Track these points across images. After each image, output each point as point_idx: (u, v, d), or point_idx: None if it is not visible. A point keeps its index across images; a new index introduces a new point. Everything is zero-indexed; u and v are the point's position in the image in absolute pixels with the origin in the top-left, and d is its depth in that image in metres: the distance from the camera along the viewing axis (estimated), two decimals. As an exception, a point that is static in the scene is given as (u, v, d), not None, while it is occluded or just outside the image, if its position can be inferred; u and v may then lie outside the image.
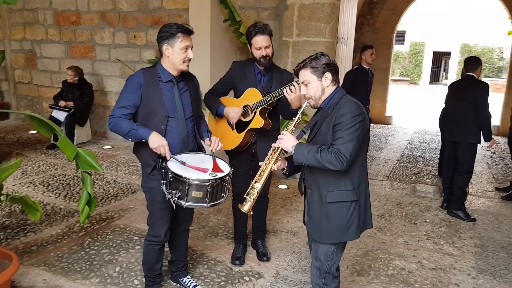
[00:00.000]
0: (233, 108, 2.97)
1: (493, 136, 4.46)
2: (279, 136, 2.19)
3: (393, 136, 9.16)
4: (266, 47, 2.88)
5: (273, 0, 5.44)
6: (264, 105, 2.88)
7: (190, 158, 2.52)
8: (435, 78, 27.85)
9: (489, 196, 5.23)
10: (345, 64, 6.37)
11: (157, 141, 2.36)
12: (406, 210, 4.61)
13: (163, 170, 2.44)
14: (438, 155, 6.90)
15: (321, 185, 2.15)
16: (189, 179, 2.29)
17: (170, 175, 2.34)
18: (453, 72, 25.97)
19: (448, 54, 26.43)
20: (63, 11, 7.42)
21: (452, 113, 4.58)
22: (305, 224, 2.43)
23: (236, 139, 3.05)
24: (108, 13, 6.90)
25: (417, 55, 27.00)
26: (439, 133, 5.22)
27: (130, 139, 2.46)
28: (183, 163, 2.42)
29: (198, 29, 2.52)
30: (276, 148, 2.22)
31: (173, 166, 2.40)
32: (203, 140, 2.73)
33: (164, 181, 2.43)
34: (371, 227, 2.27)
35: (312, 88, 2.15)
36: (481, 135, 4.40)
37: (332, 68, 2.14)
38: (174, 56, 2.42)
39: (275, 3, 5.45)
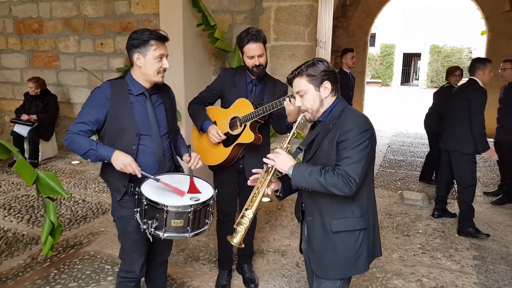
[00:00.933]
0: (216, 130, 2.70)
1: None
2: (272, 155, 1.89)
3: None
4: (259, 56, 2.62)
5: (249, 3, 5.18)
6: (255, 118, 2.60)
7: (166, 179, 2.21)
8: (406, 79, 28.29)
9: (479, 201, 5.08)
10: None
11: (121, 160, 2.05)
12: (396, 221, 4.41)
13: (136, 196, 2.12)
14: (421, 159, 6.80)
15: (325, 212, 1.88)
16: (167, 206, 1.98)
17: (145, 202, 2.02)
18: (424, 73, 26.46)
19: (418, 55, 26.89)
20: (24, 19, 6.93)
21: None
22: (301, 253, 2.16)
23: (222, 153, 2.76)
24: (72, 20, 6.47)
25: (388, 57, 27.34)
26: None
27: (90, 160, 2.13)
28: (157, 180, 2.13)
29: (170, 35, 2.21)
30: (270, 169, 1.92)
31: (148, 191, 2.09)
32: (181, 157, 2.42)
33: (138, 209, 2.12)
34: (380, 255, 2.00)
35: (309, 99, 1.88)
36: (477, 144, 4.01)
37: (332, 76, 1.87)
38: (147, 66, 2.11)
39: (251, 6, 5.18)
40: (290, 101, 2.40)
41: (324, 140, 1.85)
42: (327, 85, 1.86)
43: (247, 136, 2.66)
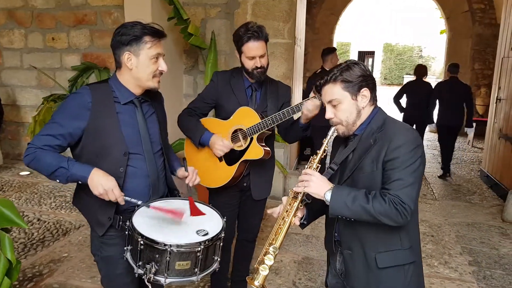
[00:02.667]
0: (221, 139, 2.26)
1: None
2: (302, 177, 1.55)
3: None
4: (261, 57, 2.24)
5: (223, -5, 4.75)
6: (264, 130, 2.21)
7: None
8: (360, 76, 28.90)
9: (458, 204, 5.04)
10: (299, 67, 5.86)
11: (101, 183, 1.60)
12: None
13: (127, 232, 1.67)
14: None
15: (368, 244, 1.56)
16: (170, 246, 1.54)
17: (141, 241, 1.57)
18: (377, 70, 27.12)
19: (372, 53, 27.52)
20: (-43, 9, 6.06)
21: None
22: (327, 287, 1.83)
23: (225, 173, 2.33)
24: (18, 11, 5.70)
25: (344, 55, 27.69)
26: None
27: (58, 181, 1.66)
28: (147, 206, 1.71)
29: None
30: (299, 194, 1.57)
31: (142, 224, 1.64)
32: (174, 173, 1.99)
33: (130, 247, 1.67)
34: None
35: (344, 110, 1.55)
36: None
37: (370, 81, 1.56)
38: (140, 68, 1.67)
39: (225, 0, 4.76)
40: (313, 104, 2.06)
41: (364, 159, 1.53)
42: (365, 92, 1.55)
43: (255, 152, 2.27)
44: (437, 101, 5.91)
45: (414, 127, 5.81)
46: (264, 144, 2.32)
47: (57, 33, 5.59)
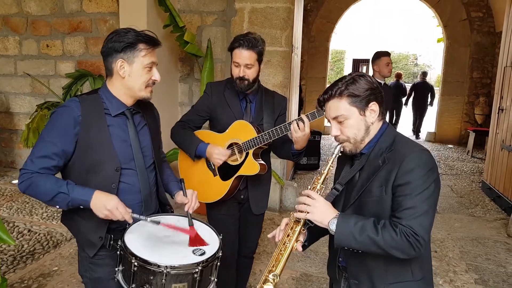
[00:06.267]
0: (218, 147, 2.18)
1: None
2: (304, 200, 1.43)
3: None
4: (246, 66, 2.16)
5: (220, 3, 4.70)
6: (260, 145, 2.13)
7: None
8: (355, 84, 28.99)
9: (461, 218, 4.95)
10: (296, 75, 5.81)
11: (105, 204, 1.51)
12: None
13: (119, 252, 1.58)
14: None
15: (376, 275, 1.45)
16: (166, 268, 1.46)
17: (135, 262, 1.49)
18: (372, 78, 27.23)
19: (367, 61, 27.52)
20: (-49, 15, 5.97)
21: None
22: None
23: (220, 188, 2.25)
24: (12, 18, 5.62)
25: (338, 62, 27.82)
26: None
27: (58, 207, 1.57)
28: (157, 222, 1.61)
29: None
30: (298, 218, 1.47)
31: (135, 244, 1.56)
32: (171, 195, 1.90)
33: (121, 268, 1.58)
34: None
35: (351, 127, 1.45)
36: None
37: (378, 94, 1.46)
38: (133, 77, 1.60)
39: (222, 7, 4.70)
40: (298, 126, 2.00)
41: (372, 181, 1.41)
42: (373, 107, 1.45)
43: (251, 167, 2.19)
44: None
45: None
46: (260, 159, 2.24)
47: (51, 40, 5.51)
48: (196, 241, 1.64)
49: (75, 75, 5.21)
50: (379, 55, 4.49)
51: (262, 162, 2.24)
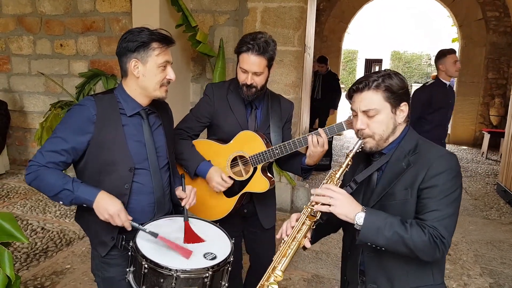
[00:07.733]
0: (220, 174, 2.01)
1: None
2: (325, 192, 1.36)
3: (349, 148, 8.75)
4: (255, 73, 1.95)
5: (232, 3, 4.69)
6: (271, 160, 2.00)
7: (165, 227, 1.68)
8: (367, 84, 28.77)
9: (476, 221, 4.86)
10: (308, 76, 5.77)
11: (106, 208, 1.51)
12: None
13: (130, 253, 1.58)
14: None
15: (397, 279, 1.41)
16: (176, 271, 1.44)
17: (145, 264, 1.48)
18: (385, 78, 26.97)
19: (379, 61, 27.33)
20: (-33, 15, 6.06)
21: None
22: None
23: (224, 206, 2.09)
24: (26, 18, 5.69)
25: (351, 62, 27.58)
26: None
27: (62, 203, 1.57)
28: (155, 235, 1.57)
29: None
30: (317, 213, 1.41)
31: (146, 246, 1.55)
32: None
33: (132, 269, 1.57)
34: None
35: (381, 123, 1.40)
36: None
37: (409, 95, 1.44)
38: (148, 77, 1.58)
39: (235, 7, 4.69)
40: (318, 141, 1.87)
41: (396, 185, 1.38)
42: (404, 107, 1.42)
43: (260, 183, 2.03)
44: None
45: None
46: (267, 172, 2.09)
47: (65, 39, 5.57)
48: (190, 237, 1.62)
49: (88, 75, 5.25)
50: (444, 53, 4.06)
51: (271, 176, 2.10)
